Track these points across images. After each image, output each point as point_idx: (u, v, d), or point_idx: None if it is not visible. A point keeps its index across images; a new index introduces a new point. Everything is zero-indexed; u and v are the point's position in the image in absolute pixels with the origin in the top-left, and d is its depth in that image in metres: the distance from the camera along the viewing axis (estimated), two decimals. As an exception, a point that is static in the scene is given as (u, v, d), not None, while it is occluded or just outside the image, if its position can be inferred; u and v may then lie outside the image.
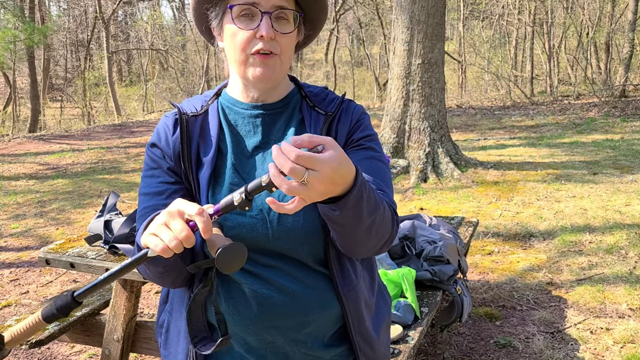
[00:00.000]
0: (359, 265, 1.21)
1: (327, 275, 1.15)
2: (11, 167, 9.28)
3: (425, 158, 6.86)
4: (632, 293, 3.50)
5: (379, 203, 1.02)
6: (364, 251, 1.11)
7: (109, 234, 2.23)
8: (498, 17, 19.81)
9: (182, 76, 26.02)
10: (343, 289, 1.14)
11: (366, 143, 1.19)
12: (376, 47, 26.86)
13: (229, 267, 0.94)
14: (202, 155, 1.15)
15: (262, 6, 1.07)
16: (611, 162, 7.27)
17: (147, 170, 1.18)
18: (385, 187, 1.15)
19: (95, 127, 14.94)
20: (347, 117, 1.21)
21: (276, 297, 1.09)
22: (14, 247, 5.04)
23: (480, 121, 12.00)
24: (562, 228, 4.81)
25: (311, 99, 1.22)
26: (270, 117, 1.19)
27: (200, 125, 1.17)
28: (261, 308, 1.10)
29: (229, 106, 1.21)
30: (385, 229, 1.07)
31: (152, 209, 1.12)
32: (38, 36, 15.38)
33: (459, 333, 3.13)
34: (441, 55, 7.07)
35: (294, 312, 1.11)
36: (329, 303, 1.14)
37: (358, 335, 1.18)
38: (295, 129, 1.19)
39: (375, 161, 1.17)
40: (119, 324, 2.37)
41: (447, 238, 2.80)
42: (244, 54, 1.10)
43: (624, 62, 14.10)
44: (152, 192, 1.15)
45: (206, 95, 1.25)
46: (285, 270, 1.10)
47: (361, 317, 1.18)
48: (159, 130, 1.19)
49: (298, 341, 1.13)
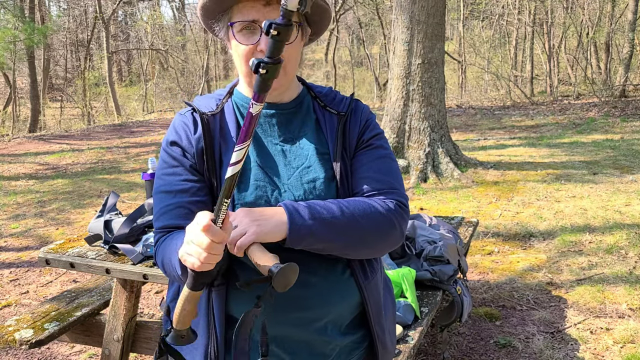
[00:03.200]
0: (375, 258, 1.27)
1: (346, 267, 1.20)
2: (11, 167, 9.28)
3: (425, 158, 6.86)
4: (632, 293, 3.50)
5: (348, 224, 1.10)
6: (364, 256, 1.19)
7: (109, 234, 2.23)
8: (498, 17, 19.81)
9: (182, 76, 26.01)
10: (363, 280, 1.20)
11: (376, 142, 1.25)
12: (376, 47, 26.86)
13: (284, 285, 0.97)
14: (223, 153, 1.17)
15: (261, 22, 1.10)
16: (611, 162, 7.27)
17: (166, 169, 1.19)
18: (396, 183, 1.21)
19: (95, 127, 14.94)
20: (357, 117, 1.26)
21: (298, 291, 1.10)
22: (14, 247, 5.04)
23: (480, 121, 12.00)
24: (562, 228, 4.81)
25: (321, 99, 1.27)
26: (285, 117, 1.22)
27: (219, 124, 1.19)
28: (284, 302, 1.12)
29: (243, 105, 1.24)
30: (374, 237, 1.14)
31: (176, 207, 1.15)
32: (38, 36, 15.38)
33: (459, 333, 3.13)
34: (441, 55, 7.07)
35: (316, 303, 1.15)
36: (349, 293, 1.19)
37: (376, 324, 1.24)
38: (312, 130, 1.23)
39: (386, 160, 1.24)
40: (119, 324, 2.37)
41: (447, 238, 2.80)
42: (248, 67, 1.14)
43: (624, 62, 14.10)
44: (174, 190, 1.16)
45: (218, 94, 1.27)
46: (306, 264, 1.12)
47: (379, 306, 1.25)
48: (176, 129, 1.20)
49: (319, 329, 1.17)
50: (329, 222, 1.08)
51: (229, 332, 1.14)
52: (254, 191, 1.14)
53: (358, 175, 1.20)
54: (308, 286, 1.13)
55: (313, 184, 1.17)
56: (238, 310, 1.14)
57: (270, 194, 1.15)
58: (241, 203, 1.13)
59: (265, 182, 1.15)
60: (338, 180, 1.18)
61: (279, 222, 1.05)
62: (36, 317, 2.49)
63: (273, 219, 1.05)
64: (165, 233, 1.16)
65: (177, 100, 23.49)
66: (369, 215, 1.12)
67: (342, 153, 1.20)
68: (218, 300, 1.14)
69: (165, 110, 21.30)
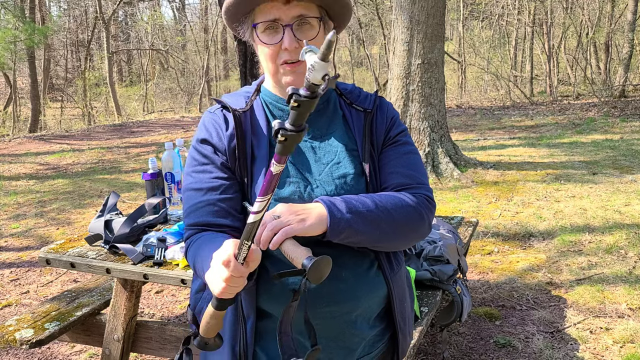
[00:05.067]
0: (399, 252, 1.32)
1: (374, 261, 1.23)
2: (11, 167, 9.29)
3: (425, 158, 6.86)
4: (631, 293, 3.51)
5: (382, 216, 1.14)
6: (394, 247, 1.23)
7: (110, 233, 2.23)
8: (498, 17, 19.80)
9: (182, 76, 26.00)
10: (390, 273, 1.24)
11: (402, 138, 1.30)
12: (376, 47, 26.84)
13: (318, 278, 1.00)
14: (255, 150, 1.19)
15: (283, 20, 1.14)
16: (611, 162, 7.28)
17: (196, 166, 1.22)
18: (423, 178, 1.27)
19: (96, 127, 14.94)
20: (383, 114, 1.30)
21: (329, 285, 1.13)
22: (14, 247, 5.04)
23: (479, 121, 12.00)
24: (561, 228, 4.81)
25: (347, 97, 1.30)
26: (313, 115, 1.24)
27: (250, 121, 1.22)
28: (315, 296, 1.14)
29: (272, 102, 1.26)
30: (405, 229, 1.18)
31: (206, 204, 1.18)
32: (38, 36, 15.37)
33: (458, 333, 3.13)
34: (441, 55, 7.08)
35: (346, 297, 1.17)
36: (377, 286, 1.22)
37: (399, 314, 1.28)
38: (340, 127, 1.27)
39: (412, 155, 1.29)
40: (119, 323, 2.38)
41: (446, 238, 2.80)
42: (274, 65, 1.18)
43: (623, 62, 14.10)
44: (205, 188, 1.19)
45: (246, 91, 1.30)
46: (336, 258, 1.14)
47: (403, 298, 1.30)
48: (207, 127, 1.23)
49: (349, 323, 1.20)
50: (364, 215, 1.12)
51: (258, 324, 1.19)
52: (288, 187, 1.18)
53: (386, 170, 1.25)
54: (339, 280, 1.16)
55: (344, 179, 1.21)
56: (268, 303, 1.17)
57: (304, 190, 1.18)
58: (275, 198, 1.16)
59: (298, 178, 1.19)
60: (367, 175, 1.22)
61: (320, 216, 1.09)
62: (37, 317, 2.49)
63: (314, 213, 1.09)
64: (196, 231, 1.19)
65: (177, 100, 23.49)
66: (400, 209, 1.17)
67: (370, 149, 1.25)
68: (248, 295, 1.17)
69: (166, 111, 21.30)
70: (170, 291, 3.90)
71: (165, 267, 2.02)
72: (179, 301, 3.75)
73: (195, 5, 37.12)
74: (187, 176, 1.23)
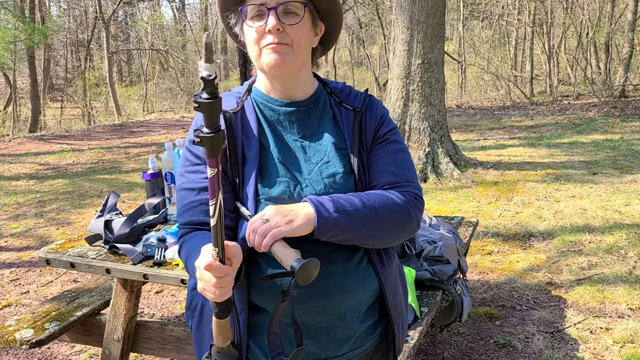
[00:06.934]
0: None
1: (364, 256, 1.24)
2: (11, 167, 9.29)
3: (425, 158, 6.86)
4: (631, 293, 3.51)
5: (370, 215, 1.15)
6: (382, 245, 1.24)
7: (109, 233, 2.23)
8: (498, 17, 19.80)
9: (182, 76, 25.97)
10: (380, 267, 1.25)
11: (391, 137, 1.31)
12: (376, 47, 26.85)
13: (307, 279, 1.03)
14: (246, 151, 1.21)
15: (269, 4, 1.17)
16: (611, 162, 7.27)
17: (189, 167, 1.24)
18: (411, 176, 1.28)
19: (96, 127, 14.94)
20: (372, 113, 1.31)
21: (319, 280, 1.13)
22: (14, 247, 5.04)
23: (480, 121, 12.00)
24: (561, 228, 4.81)
25: (337, 95, 1.31)
26: (303, 114, 1.27)
27: (240, 122, 1.23)
28: (305, 291, 1.15)
29: (262, 102, 1.28)
30: (393, 227, 1.20)
31: (199, 203, 1.20)
32: (38, 36, 15.38)
33: (458, 333, 3.13)
34: (441, 55, 7.08)
35: (336, 291, 1.19)
36: (367, 281, 1.24)
37: (393, 308, 1.29)
38: (330, 126, 1.28)
39: (401, 154, 1.31)
40: (119, 323, 2.38)
41: (446, 238, 2.80)
42: (258, 48, 1.19)
43: (623, 62, 14.10)
44: (197, 188, 1.21)
45: (237, 91, 1.31)
46: (326, 254, 1.17)
47: (396, 292, 1.31)
48: None
49: (339, 316, 1.21)
50: (352, 214, 1.14)
51: (251, 318, 1.21)
52: (278, 186, 1.19)
53: (375, 169, 1.27)
54: (328, 275, 1.18)
55: (333, 178, 1.22)
56: (260, 298, 1.19)
57: (293, 189, 1.20)
58: (265, 198, 1.18)
59: (287, 177, 1.20)
60: (356, 174, 1.24)
61: (307, 216, 1.11)
62: (36, 317, 2.49)
63: (302, 214, 1.11)
64: (189, 230, 1.22)
65: (177, 100, 23.47)
66: (388, 207, 1.18)
67: (359, 148, 1.26)
68: (240, 290, 1.19)
69: (166, 111, 21.29)
70: (170, 291, 3.90)
71: (165, 267, 2.02)
72: (178, 301, 3.75)
73: (195, 5, 37.15)
74: (180, 176, 1.26)
